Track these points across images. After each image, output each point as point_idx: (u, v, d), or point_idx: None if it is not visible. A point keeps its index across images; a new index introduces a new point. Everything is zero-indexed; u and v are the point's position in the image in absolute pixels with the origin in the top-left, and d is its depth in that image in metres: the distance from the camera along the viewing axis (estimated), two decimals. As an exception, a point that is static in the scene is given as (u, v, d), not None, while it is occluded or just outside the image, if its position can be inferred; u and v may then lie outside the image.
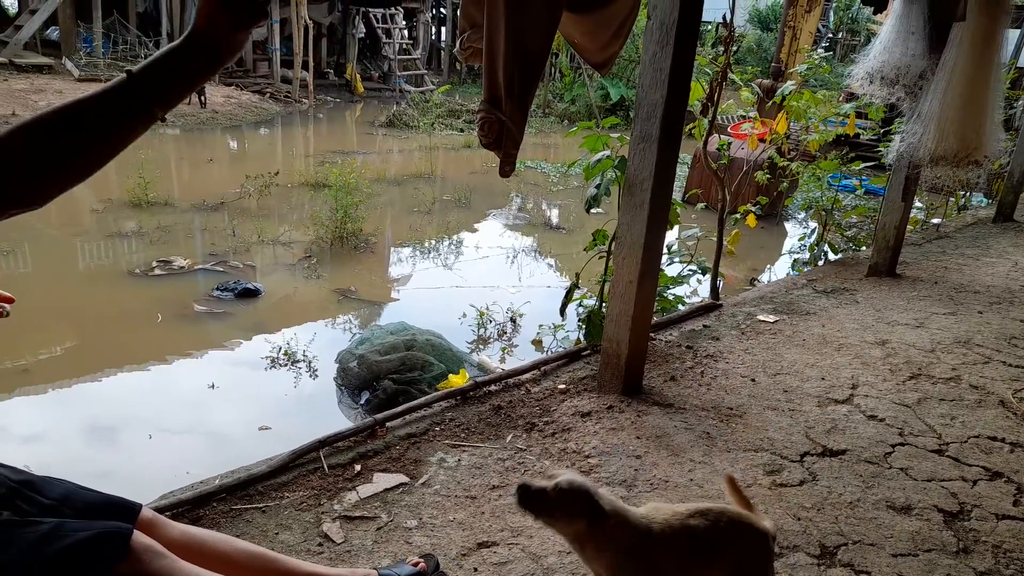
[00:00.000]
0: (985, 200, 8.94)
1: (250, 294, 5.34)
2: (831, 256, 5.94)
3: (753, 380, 3.37)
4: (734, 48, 4.63)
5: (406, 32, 18.52)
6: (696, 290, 5.74)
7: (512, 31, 2.02)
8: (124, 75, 1.06)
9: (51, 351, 4.47)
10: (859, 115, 6.85)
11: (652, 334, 3.71)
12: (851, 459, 2.74)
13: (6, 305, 1.40)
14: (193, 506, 2.23)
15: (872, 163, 6.37)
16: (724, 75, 4.27)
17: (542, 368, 3.39)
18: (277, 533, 2.15)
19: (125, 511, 1.41)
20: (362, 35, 17.85)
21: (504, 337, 5.00)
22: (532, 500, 1.52)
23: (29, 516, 1.23)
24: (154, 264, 5.77)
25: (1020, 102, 8.27)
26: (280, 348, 4.48)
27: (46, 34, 14.16)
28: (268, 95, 15.05)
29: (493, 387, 3.18)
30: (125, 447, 3.58)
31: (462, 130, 13.73)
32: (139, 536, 1.26)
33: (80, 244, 6.40)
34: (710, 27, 16.02)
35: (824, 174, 6.03)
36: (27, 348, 4.37)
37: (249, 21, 1.08)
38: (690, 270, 4.56)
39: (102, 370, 4.28)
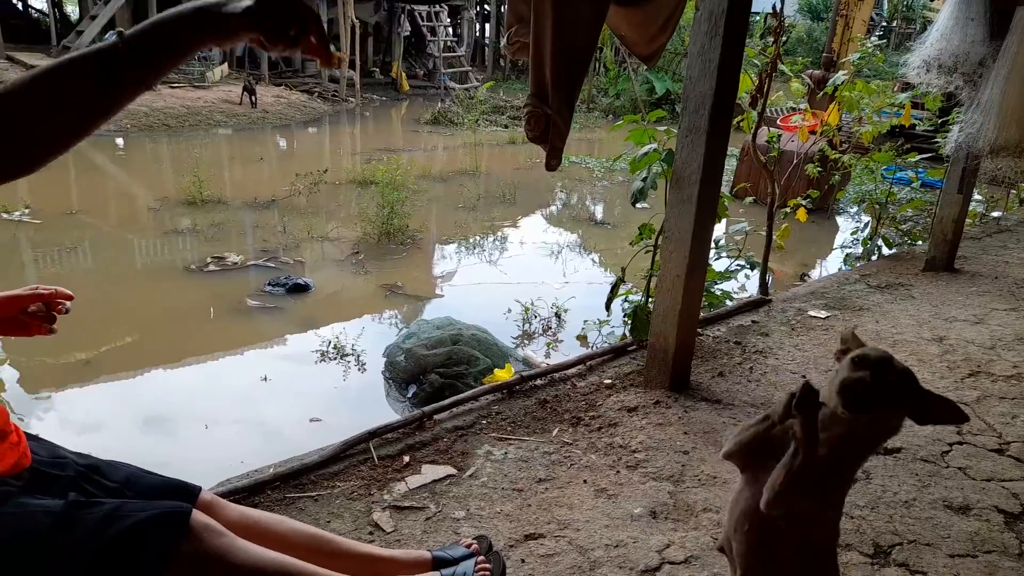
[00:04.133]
0: (1049, 192, 8.58)
1: (300, 289, 5.45)
2: (885, 251, 5.79)
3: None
4: (784, 39, 4.53)
5: (450, 30, 18.63)
6: (744, 285, 5.65)
7: (559, 25, 2.03)
8: (115, 36, 1.03)
9: (111, 344, 4.63)
10: (915, 105, 6.64)
11: (699, 329, 3.67)
12: (906, 457, 2.67)
13: (67, 302, 1.45)
14: (248, 493, 2.29)
15: (929, 155, 6.17)
16: (774, 66, 4.20)
17: (587, 363, 3.39)
18: (329, 521, 2.19)
19: (185, 493, 1.46)
20: (407, 33, 18.03)
21: (548, 332, 5.00)
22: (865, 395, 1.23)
23: (94, 497, 1.28)
24: (208, 260, 5.93)
25: (1088, 89, 7.90)
26: (329, 342, 4.56)
27: (105, 38, 14.62)
28: (316, 94, 15.35)
29: (539, 381, 3.19)
30: (182, 437, 3.69)
31: (506, 126, 13.75)
32: (198, 515, 1.30)
33: (138, 241, 6.62)
34: (758, 18, 15.71)
35: (878, 166, 5.87)
36: (89, 342, 4.54)
37: (277, 44, 1.05)
38: (738, 265, 4.50)
39: (160, 363, 4.43)
